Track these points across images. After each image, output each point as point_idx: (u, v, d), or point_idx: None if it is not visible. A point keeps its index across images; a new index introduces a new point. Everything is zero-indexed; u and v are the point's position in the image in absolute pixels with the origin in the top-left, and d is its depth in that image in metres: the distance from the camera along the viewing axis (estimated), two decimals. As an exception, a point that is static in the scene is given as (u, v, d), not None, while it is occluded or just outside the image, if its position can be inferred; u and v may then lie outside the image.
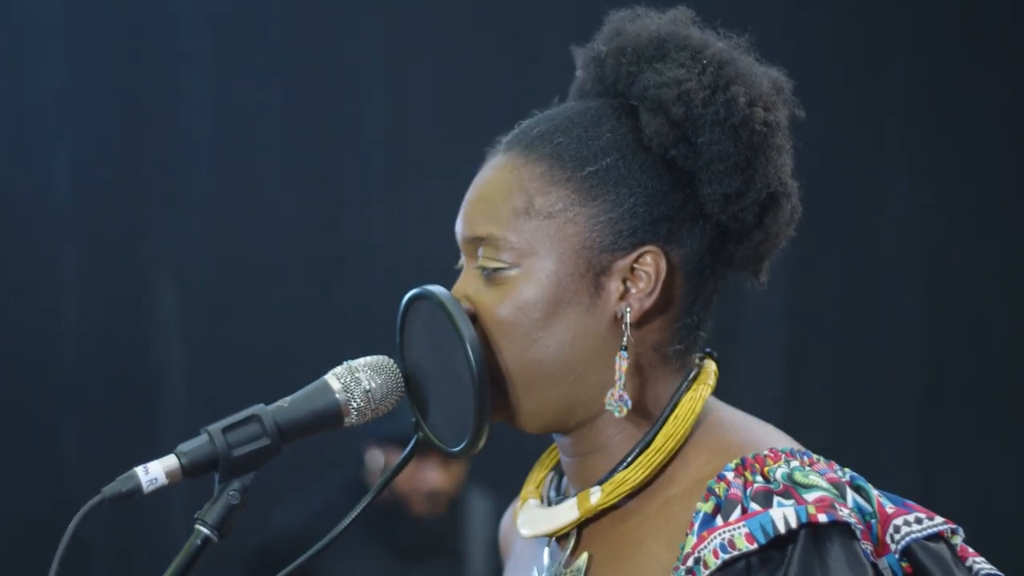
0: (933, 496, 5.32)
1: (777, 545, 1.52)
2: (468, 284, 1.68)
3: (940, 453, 5.62)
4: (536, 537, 1.71)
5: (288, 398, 1.67)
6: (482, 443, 1.65)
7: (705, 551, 1.54)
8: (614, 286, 1.65)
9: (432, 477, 4.58)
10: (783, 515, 1.52)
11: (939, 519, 1.60)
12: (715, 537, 1.54)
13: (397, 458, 5.04)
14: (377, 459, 4.64)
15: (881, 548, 1.58)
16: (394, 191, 5.54)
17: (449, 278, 1.74)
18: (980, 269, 5.62)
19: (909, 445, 5.62)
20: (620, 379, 1.63)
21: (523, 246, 1.65)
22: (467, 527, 4.74)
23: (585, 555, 1.67)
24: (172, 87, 5.45)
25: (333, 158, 5.53)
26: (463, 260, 1.70)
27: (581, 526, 1.68)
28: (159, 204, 5.44)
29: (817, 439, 1.71)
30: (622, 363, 1.63)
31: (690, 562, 1.54)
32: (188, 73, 5.45)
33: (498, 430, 1.70)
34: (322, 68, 5.52)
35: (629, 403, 1.64)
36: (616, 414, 1.63)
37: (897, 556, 1.58)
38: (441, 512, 4.66)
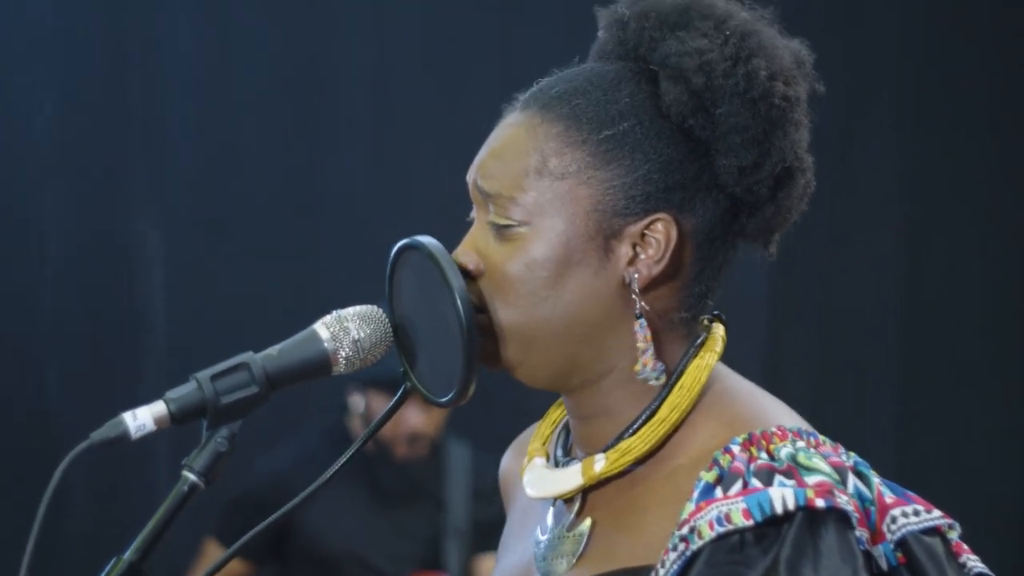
0: (912, 464, 5.35)
1: (773, 524, 1.52)
2: (478, 237, 1.68)
3: (921, 419, 5.63)
4: (541, 499, 1.72)
5: (277, 346, 1.67)
6: (470, 394, 1.65)
7: (701, 521, 1.54)
8: (624, 251, 1.65)
9: (413, 420, 4.60)
10: (782, 495, 1.52)
11: (936, 513, 1.60)
12: (712, 509, 1.54)
13: (378, 402, 5.03)
14: (359, 404, 4.66)
15: (877, 536, 1.58)
16: (379, 135, 5.53)
17: (437, 224, 1.73)
18: (963, 229, 5.63)
19: (891, 411, 5.63)
20: (648, 348, 1.64)
21: (534, 205, 1.64)
22: (447, 474, 4.76)
23: (589, 520, 1.67)
24: (155, 28, 5.42)
25: (317, 99, 5.51)
26: (475, 212, 1.70)
27: (587, 490, 1.68)
28: (142, 145, 5.42)
29: (797, 402, 1.71)
30: (645, 332, 1.64)
31: (685, 529, 1.55)
32: (171, 14, 5.42)
33: (480, 381, 1.69)
34: (307, 8, 5.49)
35: (663, 368, 1.65)
36: (654, 382, 1.64)
37: (892, 547, 1.58)
38: (422, 455, 4.68)
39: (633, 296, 1.64)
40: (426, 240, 1.67)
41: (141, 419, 1.62)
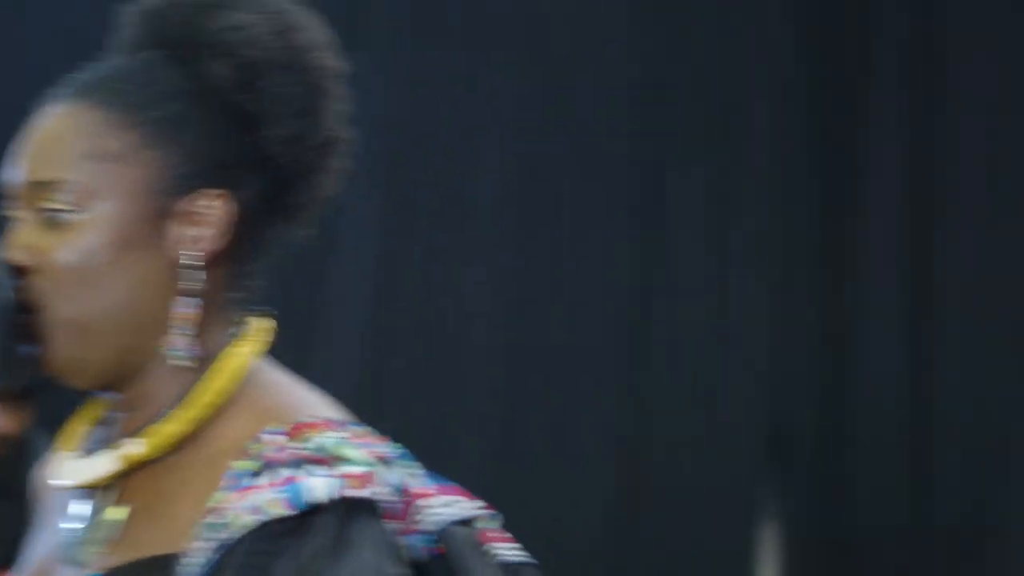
0: (512, 474, 5.40)
1: (308, 514, 1.53)
2: (27, 232, 1.64)
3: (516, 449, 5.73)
4: (72, 488, 1.68)
5: None
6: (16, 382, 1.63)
7: (235, 510, 1.53)
8: (174, 230, 1.63)
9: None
10: (316, 485, 1.53)
11: (472, 503, 1.64)
12: (247, 498, 1.54)
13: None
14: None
15: (410, 527, 1.61)
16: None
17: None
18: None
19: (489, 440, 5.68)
20: (183, 327, 1.62)
21: (86, 189, 1.62)
22: (34, 471, 4.64)
23: (124, 508, 1.65)
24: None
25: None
26: (19, 211, 1.65)
27: (125, 478, 1.65)
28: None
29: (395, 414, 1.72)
30: (185, 310, 1.63)
31: (216, 518, 1.54)
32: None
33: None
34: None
35: (196, 351, 1.63)
36: (181, 363, 1.62)
37: (426, 536, 1.62)
38: (1, 454, 4.55)
39: (177, 271, 1.63)
40: None
41: None
